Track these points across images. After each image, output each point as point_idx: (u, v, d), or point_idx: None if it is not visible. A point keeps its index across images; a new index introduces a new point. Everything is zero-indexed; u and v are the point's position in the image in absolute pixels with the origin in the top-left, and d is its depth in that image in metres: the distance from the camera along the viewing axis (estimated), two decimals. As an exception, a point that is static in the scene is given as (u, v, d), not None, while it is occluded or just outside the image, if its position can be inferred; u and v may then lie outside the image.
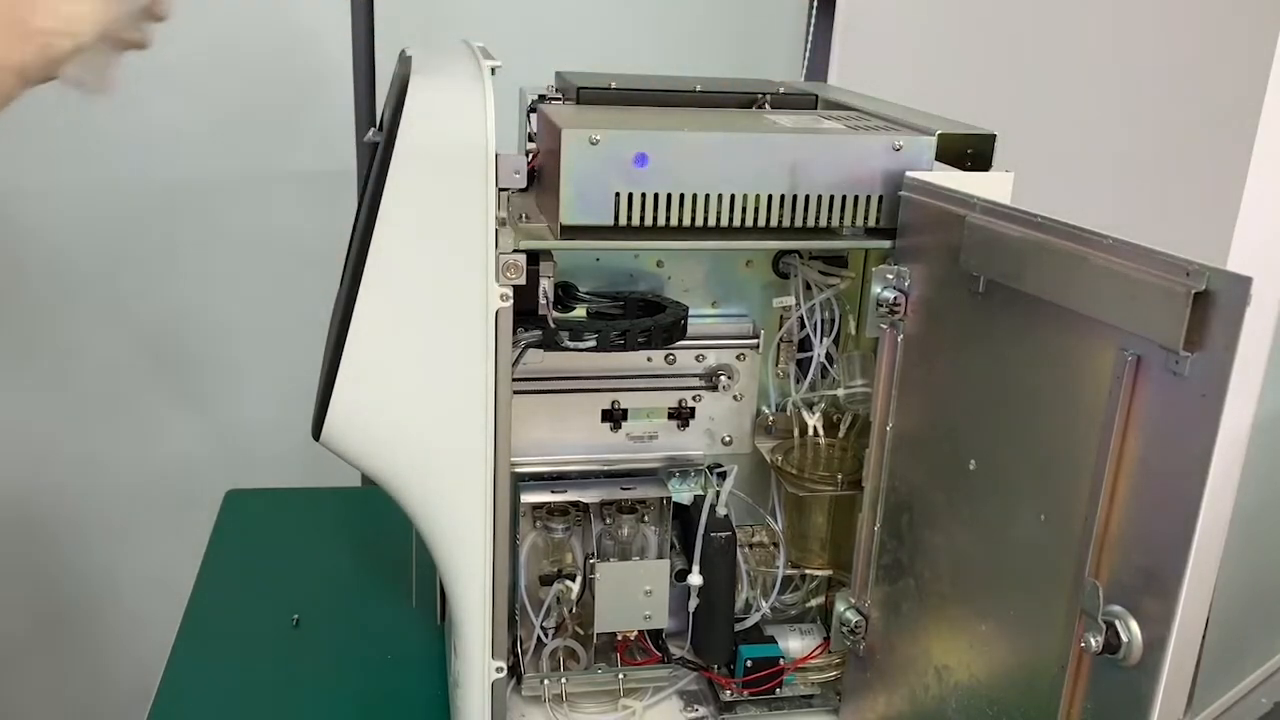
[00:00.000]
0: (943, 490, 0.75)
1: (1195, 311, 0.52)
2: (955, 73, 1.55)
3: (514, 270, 0.73)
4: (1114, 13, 1.31)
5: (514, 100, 0.92)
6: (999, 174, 0.78)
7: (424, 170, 0.69)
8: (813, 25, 1.70)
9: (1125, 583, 0.59)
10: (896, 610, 0.82)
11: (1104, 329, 0.59)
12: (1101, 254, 0.59)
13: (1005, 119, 0.82)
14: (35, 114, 1.41)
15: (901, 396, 0.80)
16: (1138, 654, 0.57)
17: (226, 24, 1.46)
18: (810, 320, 0.90)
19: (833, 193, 0.77)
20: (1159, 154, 1.26)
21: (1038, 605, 0.66)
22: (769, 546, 0.94)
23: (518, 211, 0.82)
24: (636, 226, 0.75)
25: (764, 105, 0.91)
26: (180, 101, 1.48)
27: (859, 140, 0.78)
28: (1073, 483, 0.62)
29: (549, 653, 0.90)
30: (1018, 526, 0.68)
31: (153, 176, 1.52)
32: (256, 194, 1.56)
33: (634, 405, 0.90)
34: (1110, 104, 1.32)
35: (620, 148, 0.73)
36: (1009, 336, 0.68)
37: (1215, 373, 0.52)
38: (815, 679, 0.93)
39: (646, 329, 0.81)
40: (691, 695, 0.94)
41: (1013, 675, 0.69)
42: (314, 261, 0.97)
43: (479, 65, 0.73)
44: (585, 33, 1.63)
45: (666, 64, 1.06)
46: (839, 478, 0.88)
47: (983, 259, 0.69)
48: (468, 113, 0.69)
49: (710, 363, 0.91)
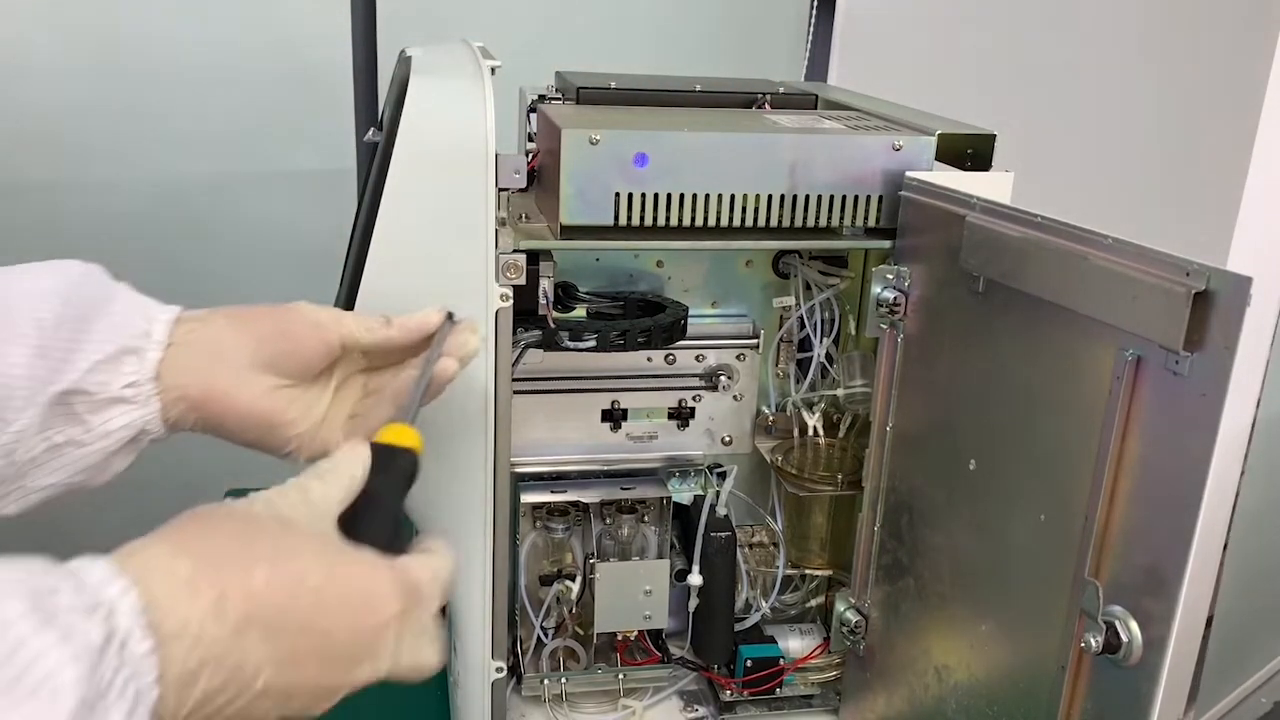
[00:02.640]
0: (943, 490, 0.75)
1: (1195, 311, 0.52)
2: (955, 73, 1.55)
3: (514, 270, 0.73)
4: (1114, 13, 1.31)
5: (514, 100, 0.92)
6: (999, 174, 0.78)
7: (424, 170, 0.69)
8: (813, 25, 1.70)
9: (1125, 583, 0.59)
10: (896, 610, 0.82)
11: (1104, 329, 0.59)
12: (1101, 254, 0.59)
13: (1005, 119, 0.82)
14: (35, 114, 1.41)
15: (901, 396, 0.80)
16: (1138, 654, 0.57)
17: (227, 24, 1.46)
18: (810, 320, 0.90)
19: (833, 193, 0.77)
20: (1159, 154, 1.26)
21: (1038, 605, 0.66)
22: (769, 546, 0.94)
23: (518, 211, 0.82)
24: (636, 226, 0.75)
25: (764, 105, 0.91)
26: (181, 102, 1.48)
27: (859, 140, 0.78)
28: (1073, 483, 0.62)
29: (549, 653, 0.90)
30: (1018, 526, 0.68)
31: (153, 176, 1.52)
32: (257, 193, 1.56)
33: (634, 405, 0.90)
34: (1110, 103, 1.32)
35: (620, 148, 0.73)
36: (1009, 336, 0.68)
37: (1215, 373, 0.52)
38: (815, 679, 0.93)
39: (646, 329, 0.80)
40: (691, 695, 0.93)
41: (1013, 675, 0.69)
42: (314, 261, 0.97)
43: (479, 65, 0.73)
44: (585, 33, 1.63)
45: (666, 64, 1.06)
46: (839, 478, 0.88)
47: (983, 259, 0.69)
48: (468, 113, 0.69)
49: (710, 363, 0.91)
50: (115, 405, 0.58)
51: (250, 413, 0.60)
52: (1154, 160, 1.26)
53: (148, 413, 0.59)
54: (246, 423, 0.61)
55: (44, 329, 0.57)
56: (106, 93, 1.43)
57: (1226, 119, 1.17)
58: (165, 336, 0.60)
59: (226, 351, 0.60)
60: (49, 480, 0.58)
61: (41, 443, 0.57)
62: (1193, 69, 1.21)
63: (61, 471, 0.58)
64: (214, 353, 0.60)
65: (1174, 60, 1.24)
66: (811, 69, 1.73)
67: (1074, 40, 1.37)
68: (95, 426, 0.58)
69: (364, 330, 0.63)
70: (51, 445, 0.58)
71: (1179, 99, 1.23)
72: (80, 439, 0.58)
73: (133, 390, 0.58)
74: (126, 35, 1.42)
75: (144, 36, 1.43)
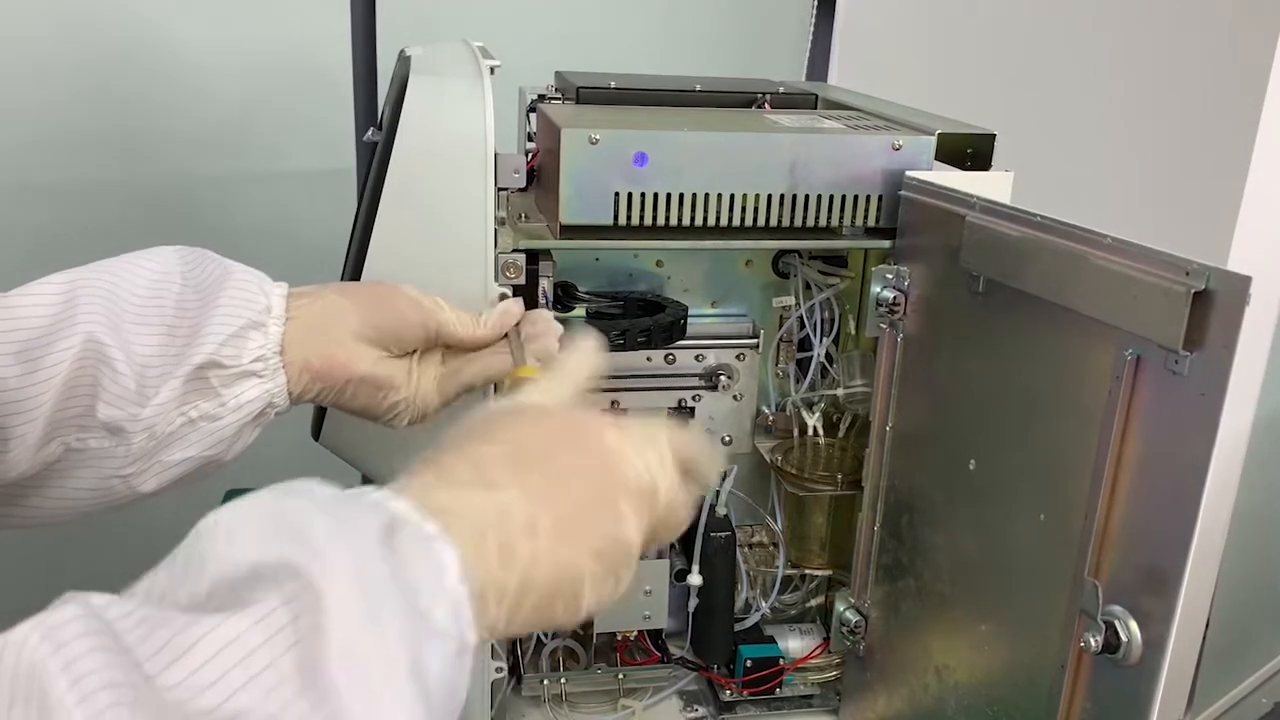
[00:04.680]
0: (943, 490, 0.75)
1: (1195, 311, 0.52)
2: (955, 73, 1.55)
3: (513, 270, 0.73)
4: (1114, 12, 1.31)
5: (514, 100, 0.92)
6: (999, 174, 0.78)
7: (423, 170, 0.69)
8: (813, 25, 1.71)
9: (1125, 582, 0.59)
10: (896, 610, 0.82)
11: (1104, 328, 0.59)
12: (1101, 253, 0.59)
13: (1005, 119, 0.82)
14: (35, 113, 1.41)
15: (901, 396, 0.80)
16: (1137, 654, 0.57)
17: (226, 24, 1.46)
18: (810, 320, 0.90)
19: (832, 192, 0.77)
20: (1159, 154, 1.26)
21: (1037, 605, 0.66)
22: (769, 546, 0.94)
23: (517, 211, 0.82)
24: (636, 226, 0.75)
25: (764, 105, 0.91)
26: (180, 101, 1.48)
27: (859, 140, 0.78)
28: (1072, 482, 0.62)
29: (549, 653, 0.90)
30: (1018, 526, 0.68)
31: (153, 175, 1.52)
32: (256, 193, 1.56)
33: (634, 405, 0.90)
34: (1110, 104, 1.32)
35: (620, 147, 0.73)
36: (1009, 336, 0.68)
37: (1215, 372, 0.52)
38: (815, 679, 0.93)
39: (646, 329, 0.80)
40: (691, 695, 0.93)
41: (1013, 675, 0.69)
42: (314, 261, 0.97)
43: (479, 65, 0.73)
44: (585, 33, 1.63)
45: (666, 64, 1.06)
46: (839, 478, 0.87)
47: (983, 258, 0.69)
48: (467, 112, 0.69)
49: (710, 362, 0.91)
50: (246, 378, 0.61)
51: (366, 381, 0.64)
52: (1154, 160, 1.26)
53: (275, 385, 0.62)
54: (360, 390, 0.64)
55: (165, 310, 0.60)
56: (106, 92, 1.43)
57: (1227, 118, 1.17)
58: (284, 310, 0.62)
59: (342, 324, 0.63)
60: (186, 454, 0.61)
61: (179, 417, 0.60)
62: (1193, 68, 1.21)
63: (198, 445, 0.61)
64: (330, 325, 0.63)
65: (1174, 60, 1.24)
66: (811, 69, 1.73)
67: (1074, 40, 1.37)
68: (229, 400, 0.60)
69: (460, 325, 0.66)
70: (188, 420, 0.60)
71: (1179, 98, 1.23)
72: (215, 413, 0.60)
73: (260, 364, 0.61)
74: (126, 35, 1.42)
75: (143, 36, 1.43)
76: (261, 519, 0.38)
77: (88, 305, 0.58)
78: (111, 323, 0.58)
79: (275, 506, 0.38)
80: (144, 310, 0.60)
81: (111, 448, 0.58)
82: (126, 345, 0.58)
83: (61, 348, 0.56)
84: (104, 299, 0.58)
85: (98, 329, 0.57)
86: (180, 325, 0.60)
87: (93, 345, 0.57)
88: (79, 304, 0.57)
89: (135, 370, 0.58)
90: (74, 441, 0.58)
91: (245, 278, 0.63)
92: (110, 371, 0.57)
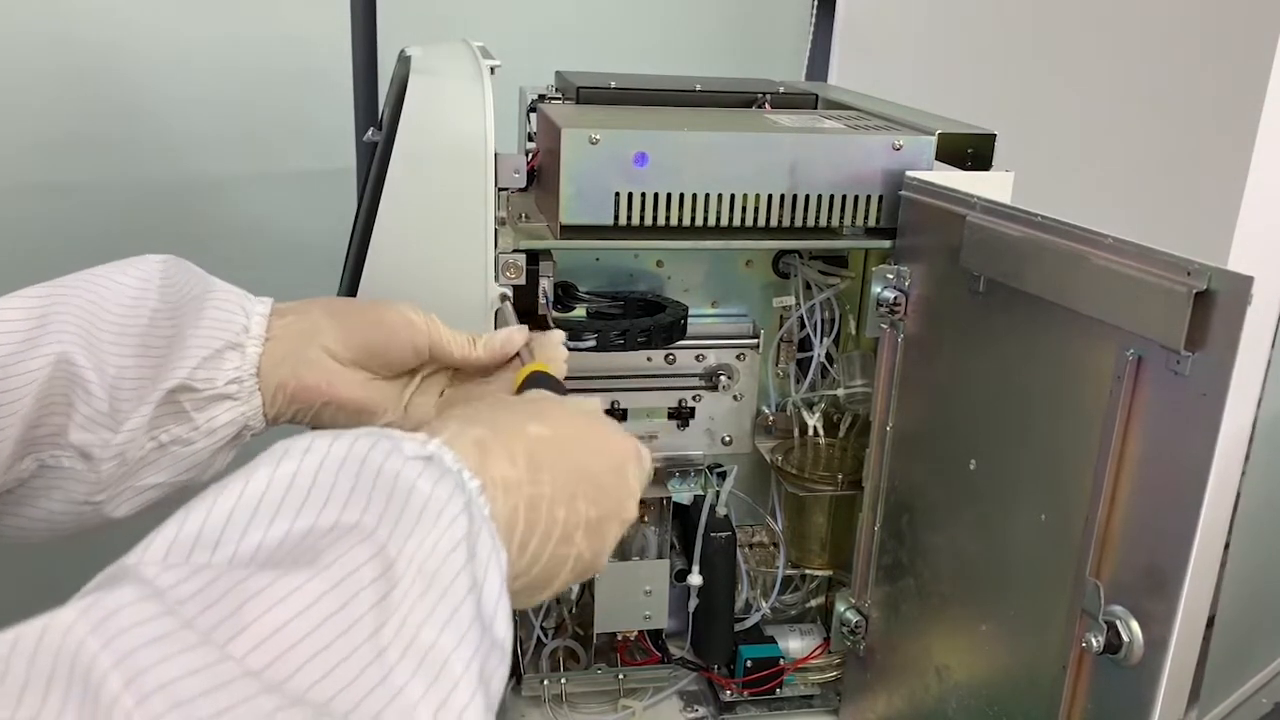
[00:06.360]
0: (943, 490, 0.75)
1: (1196, 311, 0.52)
2: (955, 73, 1.55)
3: (513, 270, 0.73)
4: (1114, 12, 1.31)
5: (514, 100, 0.92)
6: (999, 174, 0.78)
7: (423, 170, 0.69)
8: (813, 25, 1.70)
9: (1126, 583, 0.58)
10: (896, 610, 0.82)
11: (1105, 329, 0.59)
12: (1102, 253, 0.59)
13: (1005, 119, 0.82)
14: (35, 113, 1.41)
15: (901, 396, 0.80)
16: (1139, 654, 0.57)
17: (226, 24, 1.45)
18: (810, 320, 0.90)
19: (833, 192, 0.77)
20: (1159, 154, 1.26)
21: (1038, 605, 0.66)
22: (769, 546, 0.94)
23: (517, 211, 0.82)
24: (636, 226, 0.75)
25: (764, 105, 0.91)
26: (180, 101, 1.48)
27: (859, 140, 0.78)
28: (1073, 482, 0.62)
29: (549, 653, 0.90)
30: (1018, 526, 0.68)
31: (152, 176, 1.52)
32: (256, 193, 1.56)
33: (634, 405, 0.90)
34: (1110, 104, 1.32)
35: (620, 147, 0.73)
36: (1009, 336, 0.68)
37: (1216, 372, 0.52)
38: (815, 679, 0.93)
39: (646, 329, 0.80)
40: (691, 695, 0.93)
41: (1013, 675, 0.69)
42: (314, 261, 0.97)
43: (479, 65, 0.73)
44: (585, 33, 1.63)
45: (666, 64, 1.06)
46: (839, 478, 0.87)
47: (983, 258, 0.69)
48: (467, 112, 0.69)
49: (710, 363, 0.91)
50: (220, 401, 0.59)
51: (346, 404, 0.62)
52: (1154, 160, 1.26)
53: (250, 408, 0.60)
54: (341, 414, 0.63)
55: (142, 327, 0.58)
56: (105, 92, 1.43)
57: (1227, 118, 1.17)
58: (263, 331, 0.61)
59: (323, 345, 0.62)
60: (158, 479, 0.59)
61: (149, 442, 0.58)
62: (1193, 68, 1.21)
63: (170, 470, 0.59)
64: (311, 346, 0.62)
65: (1174, 59, 1.23)
66: (811, 69, 1.73)
67: (1074, 40, 1.37)
68: (201, 423, 0.59)
69: (455, 346, 0.65)
70: (159, 444, 0.58)
71: (1179, 98, 1.23)
72: (187, 436, 0.59)
73: (235, 386, 0.60)
74: (125, 34, 1.42)
75: (142, 36, 1.43)
76: (349, 475, 0.38)
77: (61, 322, 0.56)
78: (87, 340, 0.56)
79: (367, 465, 0.39)
80: (122, 325, 0.58)
81: (83, 471, 0.57)
82: (100, 364, 0.56)
83: (34, 366, 0.55)
84: (80, 314, 0.57)
85: (72, 348, 0.55)
86: (155, 345, 0.58)
87: (65, 366, 0.55)
88: (52, 321, 0.56)
89: (108, 390, 0.56)
90: (48, 458, 0.56)
91: (226, 296, 0.61)
92: (83, 393, 0.56)
